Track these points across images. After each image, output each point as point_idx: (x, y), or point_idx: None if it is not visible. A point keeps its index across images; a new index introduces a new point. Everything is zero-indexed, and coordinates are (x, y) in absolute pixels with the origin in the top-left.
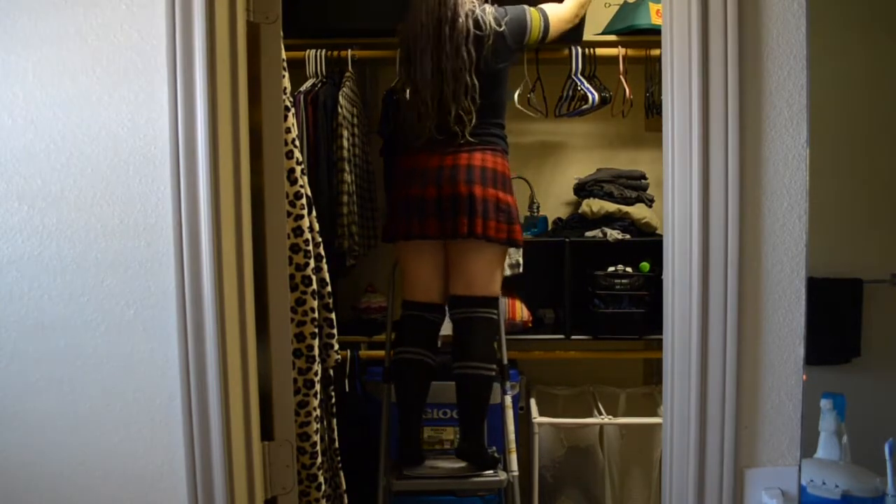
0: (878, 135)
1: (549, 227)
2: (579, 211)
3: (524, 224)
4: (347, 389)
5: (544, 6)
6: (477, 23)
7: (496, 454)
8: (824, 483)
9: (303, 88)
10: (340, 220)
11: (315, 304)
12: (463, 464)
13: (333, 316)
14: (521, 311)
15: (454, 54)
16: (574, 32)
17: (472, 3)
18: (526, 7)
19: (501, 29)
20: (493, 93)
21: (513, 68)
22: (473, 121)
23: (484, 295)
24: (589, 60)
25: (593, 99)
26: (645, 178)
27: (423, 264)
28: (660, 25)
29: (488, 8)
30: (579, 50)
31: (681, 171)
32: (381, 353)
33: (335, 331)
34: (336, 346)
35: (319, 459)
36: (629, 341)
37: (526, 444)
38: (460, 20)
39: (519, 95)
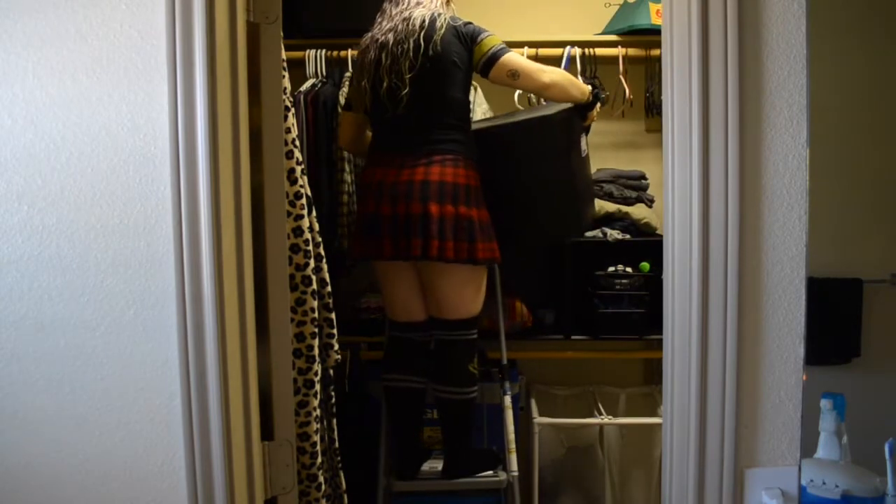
0: (878, 135)
1: None
2: None
3: None
4: (347, 389)
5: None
6: (433, 17)
7: (497, 452)
8: (824, 483)
9: (303, 88)
10: (340, 220)
11: (315, 304)
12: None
13: (333, 316)
14: (522, 311)
15: (401, 21)
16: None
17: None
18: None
19: (457, 24)
20: (445, 87)
21: None
22: (406, 91)
23: (455, 319)
24: (589, 60)
25: None
26: (645, 179)
27: (397, 284)
28: (660, 25)
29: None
30: (579, 50)
31: (681, 171)
32: (381, 353)
33: (335, 331)
34: (336, 346)
35: (319, 459)
36: (629, 341)
37: (526, 444)
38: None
39: (519, 95)
